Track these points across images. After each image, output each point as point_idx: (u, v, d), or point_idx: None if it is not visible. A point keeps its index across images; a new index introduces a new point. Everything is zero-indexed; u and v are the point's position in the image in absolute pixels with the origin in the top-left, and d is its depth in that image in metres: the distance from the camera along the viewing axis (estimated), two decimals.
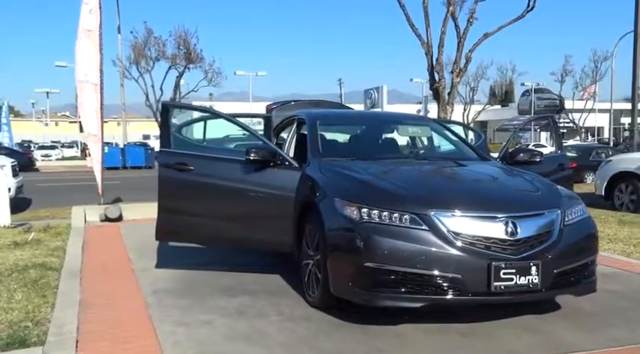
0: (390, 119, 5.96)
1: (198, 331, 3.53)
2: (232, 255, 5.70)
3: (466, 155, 4.86)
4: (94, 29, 9.05)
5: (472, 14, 16.02)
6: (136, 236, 6.86)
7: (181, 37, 35.31)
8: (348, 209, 3.57)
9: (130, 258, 5.68)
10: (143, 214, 8.64)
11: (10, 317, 3.81)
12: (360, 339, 3.38)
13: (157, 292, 4.41)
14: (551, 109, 42.30)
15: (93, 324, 3.66)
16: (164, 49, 35.18)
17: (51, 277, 4.92)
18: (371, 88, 36.25)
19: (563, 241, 3.49)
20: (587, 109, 45.44)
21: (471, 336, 3.43)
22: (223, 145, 5.90)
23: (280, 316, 3.82)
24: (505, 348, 3.24)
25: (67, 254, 5.86)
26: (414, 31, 15.51)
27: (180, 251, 5.81)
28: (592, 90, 45.25)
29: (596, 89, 45.25)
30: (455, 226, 3.35)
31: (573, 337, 3.39)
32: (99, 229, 7.62)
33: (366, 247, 3.39)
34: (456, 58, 15.67)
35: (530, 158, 4.83)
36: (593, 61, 46.10)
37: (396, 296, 3.36)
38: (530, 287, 3.33)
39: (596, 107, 45.67)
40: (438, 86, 15.04)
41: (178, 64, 35.81)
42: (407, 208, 3.44)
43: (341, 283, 3.56)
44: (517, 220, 3.40)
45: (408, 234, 3.36)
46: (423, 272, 3.31)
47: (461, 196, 3.62)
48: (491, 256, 3.30)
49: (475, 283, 3.30)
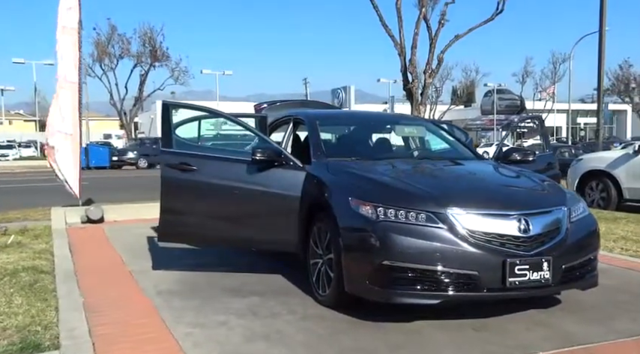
0: (387, 119, 6.05)
1: (215, 332, 3.52)
2: (228, 256, 5.68)
3: (463, 155, 4.99)
4: (74, 26, 8.85)
5: (443, 16, 16.34)
6: (122, 238, 6.76)
7: (147, 34, 34.84)
8: (364, 208, 3.62)
9: (124, 260, 5.58)
10: (124, 216, 8.54)
11: (16, 322, 3.72)
12: (379, 336, 3.43)
13: (161, 293, 4.36)
14: (512, 109, 43.46)
15: (105, 327, 3.60)
16: (129, 46, 34.62)
17: (46, 280, 4.81)
18: (338, 87, 36.44)
19: (569, 237, 3.63)
20: (546, 110, 46.84)
21: (484, 330, 3.53)
22: (218, 144, 5.87)
23: (293, 315, 3.85)
24: (519, 341, 3.34)
25: (56, 257, 5.72)
26: (387, 31, 15.70)
27: (173, 253, 5.76)
28: (551, 91, 46.66)
29: (555, 90, 46.69)
30: (470, 224, 3.45)
31: (581, 330, 3.52)
32: (82, 230, 7.46)
33: (383, 246, 3.45)
34: (429, 59, 15.94)
35: (524, 158, 4.98)
36: (552, 63, 47.60)
37: (414, 293, 3.43)
38: (542, 282, 3.45)
39: (554, 108, 47.10)
40: (411, 87, 15.24)
41: (144, 62, 35.31)
42: (423, 206, 3.51)
43: (357, 281, 3.61)
44: (529, 217, 3.52)
45: (425, 232, 3.43)
46: (440, 269, 3.39)
47: (474, 195, 3.72)
48: (505, 253, 3.40)
49: (491, 280, 3.39)
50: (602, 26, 13.68)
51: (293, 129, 5.48)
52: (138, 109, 37.04)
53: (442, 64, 16.03)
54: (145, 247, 6.24)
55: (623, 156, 9.77)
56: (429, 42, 16.00)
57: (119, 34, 34.36)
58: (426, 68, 15.85)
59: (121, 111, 35.83)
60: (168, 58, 35.87)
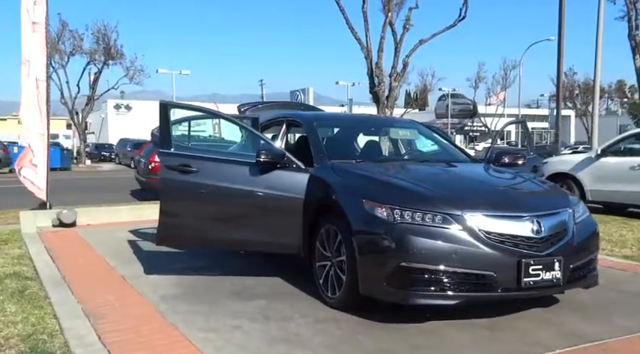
0: (381, 122, 6.10)
1: (232, 336, 3.46)
2: (218, 259, 5.59)
3: (458, 157, 5.08)
4: (41, 22, 8.51)
5: (407, 21, 16.61)
6: (102, 242, 6.54)
7: (100, 31, 33.78)
8: (379, 210, 3.64)
9: (111, 265, 5.40)
10: (97, 219, 8.27)
11: (16, 331, 3.55)
12: (397, 337, 3.46)
13: (164, 298, 4.25)
14: (465, 113, 44.62)
15: (115, 334, 3.48)
16: (81, 43, 33.49)
17: (34, 286, 4.62)
18: (297, 89, 36.47)
19: (575, 238, 3.76)
20: (497, 114, 48.33)
21: (496, 330, 3.61)
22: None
23: (305, 318, 3.82)
24: (534, 340, 3.44)
25: (36, 262, 5.49)
26: (354, 35, 15.84)
27: (161, 256, 5.64)
28: (502, 96, 48.19)
29: (505, 95, 48.26)
30: (485, 226, 3.52)
31: (588, 328, 3.65)
32: (56, 234, 7.17)
33: (401, 247, 3.48)
34: (394, 62, 16.16)
35: (514, 161, 5.12)
36: (503, 69, 49.16)
37: (432, 294, 3.47)
38: (553, 282, 3.57)
39: (505, 112, 48.66)
40: (378, 90, 15.42)
41: (97, 60, 34.20)
42: (439, 208, 3.56)
43: (374, 283, 3.63)
44: (540, 218, 3.63)
45: (443, 233, 3.48)
46: (458, 270, 3.44)
47: (487, 197, 3.81)
48: (520, 254, 3.49)
49: (506, 280, 3.48)
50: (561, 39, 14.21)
51: (286, 130, 5.45)
52: (91, 109, 35.83)
53: (407, 68, 16.28)
54: (130, 251, 6.06)
55: (586, 159, 10.19)
56: (394, 46, 16.24)
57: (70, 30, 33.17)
58: (391, 72, 16.07)
59: (73, 110, 34.58)
60: (123, 56, 34.90)
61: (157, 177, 13.14)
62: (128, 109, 55.28)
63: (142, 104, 56.30)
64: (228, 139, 6.06)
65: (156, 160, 13.41)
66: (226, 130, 6.36)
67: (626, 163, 9.51)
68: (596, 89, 16.08)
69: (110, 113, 54.57)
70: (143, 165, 14.01)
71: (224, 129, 6.43)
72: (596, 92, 16.24)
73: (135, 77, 34.61)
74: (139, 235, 7.06)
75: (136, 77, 34.68)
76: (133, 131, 43.96)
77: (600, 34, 14.79)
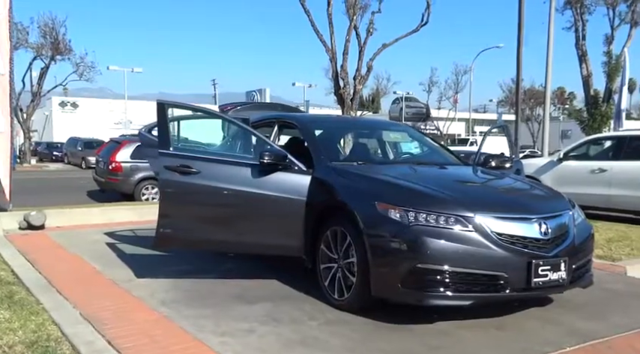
0: (374, 125, 6.14)
1: (249, 340, 3.41)
2: (206, 262, 5.49)
3: (451, 160, 5.18)
4: (3, 14, 8.12)
5: (371, 24, 16.80)
6: (79, 245, 6.30)
7: (47, 25, 32.49)
8: (393, 212, 3.67)
9: (97, 268, 5.21)
10: (66, 221, 7.96)
11: (17, 338, 3.39)
12: (413, 338, 3.50)
13: (164, 302, 4.14)
14: (418, 116, 45.47)
15: (125, 339, 3.36)
16: (26, 36, 32.09)
17: (21, 292, 4.43)
18: (253, 90, 36.21)
19: (576, 239, 3.91)
20: (449, 118, 49.54)
21: (505, 329, 3.71)
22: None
23: (316, 320, 3.81)
24: (543, 339, 3.54)
25: (14, 267, 5.25)
26: (319, 37, 15.89)
27: (148, 260, 5.53)
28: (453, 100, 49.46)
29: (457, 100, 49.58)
30: (496, 227, 3.61)
31: (589, 326, 3.79)
32: (26, 238, 6.84)
33: (417, 249, 3.52)
34: (358, 65, 16.30)
35: (502, 164, 5.26)
36: (455, 74, 50.47)
37: (447, 295, 3.53)
38: (559, 282, 3.69)
39: (456, 116, 49.95)
40: (343, 92, 15.52)
41: (44, 55, 32.88)
42: (452, 210, 3.62)
43: (388, 285, 3.65)
44: (546, 220, 3.75)
45: (457, 235, 3.55)
46: (472, 271, 3.51)
47: (496, 199, 3.91)
48: (530, 255, 3.60)
49: (517, 280, 3.58)
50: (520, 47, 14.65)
51: (278, 132, 5.41)
52: (36, 106, 34.39)
53: (371, 71, 16.47)
54: (112, 254, 5.87)
55: (549, 163, 10.59)
56: (358, 49, 16.39)
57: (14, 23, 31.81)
58: (356, 75, 16.20)
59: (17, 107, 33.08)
60: (72, 51, 33.69)
61: (117, 178, 12.97)
62: (75, 106, 53.30)
63: (89, 102, 54.47)
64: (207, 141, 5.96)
65: (117, 160, 13.06)
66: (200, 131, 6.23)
67: (586, 166, 9.94)
68: (547, 96, 16.67)
69: (55, 111, 52.43)
70: (103, 165, 13.61)
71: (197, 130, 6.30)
72: (547, 99, 16.84)
73: (85, 74, 33.45)
74: (116, 237, 6.85)
75: (86, 74, 33.52)
76: (80, 130, 42.48)
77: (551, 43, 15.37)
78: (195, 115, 5.12)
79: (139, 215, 8.40)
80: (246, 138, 4.71)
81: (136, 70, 37.50)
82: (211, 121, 5.62)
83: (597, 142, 10.98)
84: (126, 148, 13.00)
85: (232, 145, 5.10)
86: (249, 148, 4.58)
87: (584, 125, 27.85)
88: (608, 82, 28.06)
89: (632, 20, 28.14)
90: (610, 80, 27.70)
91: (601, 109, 27.50)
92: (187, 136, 5.30)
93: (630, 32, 28.14)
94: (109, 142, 15.06)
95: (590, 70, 28.55)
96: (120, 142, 13.82)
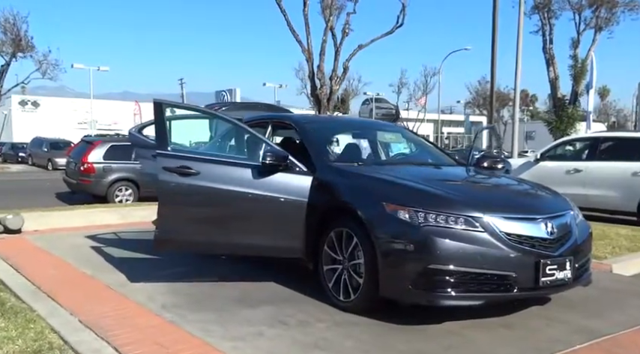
0: (370, 125, 6.13)
1: (261, 343, 3.35)
2: (200, 265, 5.38)
3: (447, 161, 5.21)
4: None
5: (347, 25, 16.83)
6: (63, 249, 6.10)
7: (8, 21, 31.48)
8: (402, 213, 3.66)
9: (87, 273, 5.04)
10: (44, 225, 7.71)
11: (18, 347, 3.26)
12: (424, 339, 3.49)
13: (165, 307, 4.03)
14: (388, 117, 45.74)
15: (134, 346, 3.26)
16: None
17: (10, 299, 4.27)
18: (223, 89, 35.90)
19: (578, 238, 3.97)
20: (419, 119, 50.09)
21: (513, 328, 3.73)
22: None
23: (323, 322, 3.77)
24: (551, 337, 3.58)
25: None
26: (295, 37, 15.82)
27: (139, 264, 5.43)
28: (422, 101, 50.03)
29: (426, 101, 50.17)
30: (505, 228, 3.63)
31: (592, 323, 3.85)
32: (4, 242, 6.57)
33: (428, 250, 3.51)
34: (335, 66, 16.32)
35: (494, 164, 5.32)
36: (424, 76, 51.11)
37: (457, 295, 3.53)
38: (565, 281, 3.74)
39: (425, 117, 50.54)
40: (319, 93, 15.50)
41: (4, 52, 31.85)
42: (461, 210, 3.63)
43: (398, 285, 3.64)
44: (551, 220, 3.80)
45: (467, 235, 3.56)
46: (483, 271, 3.53)
47: (503, 199, 3.94)
48: (538, 254, 3.64)
49: (526, 279, 3.61)
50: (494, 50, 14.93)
51: (272, 132, 5.35)
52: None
53: (348, 72, 16.50)
54: (99, 258, 5.70)
55: (526, 163, 10.79)
56: (334, 50, 16.40)
57: None
58: (332, 75, 16.20)
59: None
60: (34, 48, 32.72)
61: (89, 179, 12.62)
62: (36, 105, 51.73)
63: (51, 101, 52.94)
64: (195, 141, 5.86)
65: (89, 161, 12.73)
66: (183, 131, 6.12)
67: (562, 167, 10.16)
68: (516, 98, 17.04)
69: (15, 110, 50.75)
70: (74, 166, 13.25)
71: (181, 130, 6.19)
72: (517, 101, 17.23)
73: (48, 72, 32.53)
74: (99, 240, 6.66)
75: (50, 72, 32.60)
76: (41, 130, 41.20)
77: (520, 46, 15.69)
78: (193, 115, 5.01)
79: (120, 217, 8.21)
80: (247, 138, 4.63)
81: (102, 69, 36.65)
82: (203, 121, 5.53)
83: (572, 143, 11.26)
84: (98, 149, 12.69)
85: (232, 145, 5.01)
86: (250, 148, 4.52)
87: (551, 127, 28.55)
88: (575, 84, 28.87)
89: (596, 25, 29.01)
90: (576, 83, 28.50)
91: (567, 111, 28.24)
92: (182, 137, 5.20)
93: (595, 37, 29.05)
94: (80, 143, 14.68)
95: (557, 73, 29.31)
96: (92, 142, 13.48)
